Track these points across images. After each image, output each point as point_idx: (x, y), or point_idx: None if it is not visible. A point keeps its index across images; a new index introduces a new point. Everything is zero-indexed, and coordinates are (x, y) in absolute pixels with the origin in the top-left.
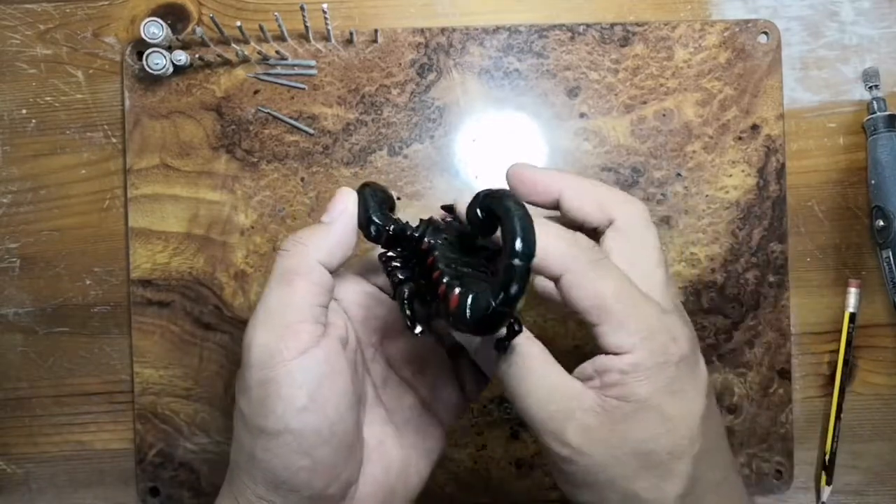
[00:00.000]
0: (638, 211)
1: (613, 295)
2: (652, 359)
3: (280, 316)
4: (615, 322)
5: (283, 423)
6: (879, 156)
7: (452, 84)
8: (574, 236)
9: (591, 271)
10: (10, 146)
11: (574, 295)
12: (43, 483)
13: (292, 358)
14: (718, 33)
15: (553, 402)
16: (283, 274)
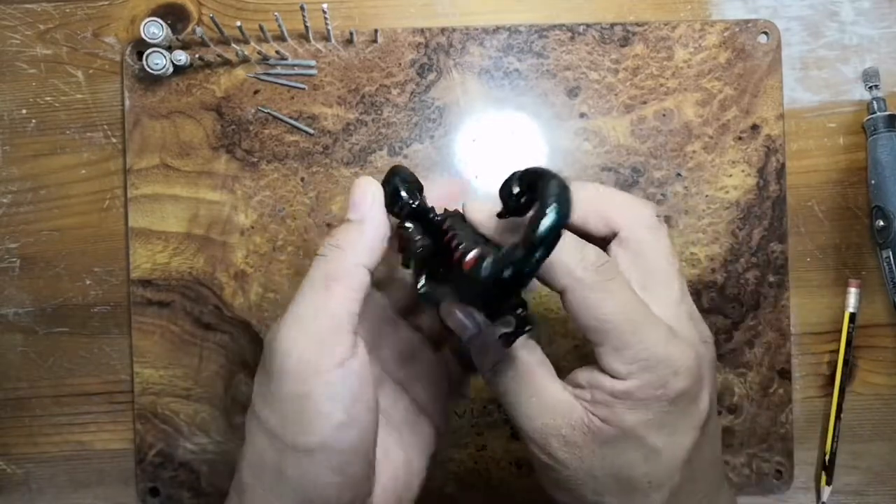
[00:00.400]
0: (643, 218)
1: (616, 318)
2: (646, 391)
3: (318, 324)
4: (613, 346)
5: (320, 441)
6: (879, 156)
7: (452, 84)
8: (582, 250)
9: (594, 291)
10: (10, 146)
11: (576, 312)
12: (43, 483)
13: (330, 370)
14: (718, 33)
15: (542, 416)
16: (322, 279)
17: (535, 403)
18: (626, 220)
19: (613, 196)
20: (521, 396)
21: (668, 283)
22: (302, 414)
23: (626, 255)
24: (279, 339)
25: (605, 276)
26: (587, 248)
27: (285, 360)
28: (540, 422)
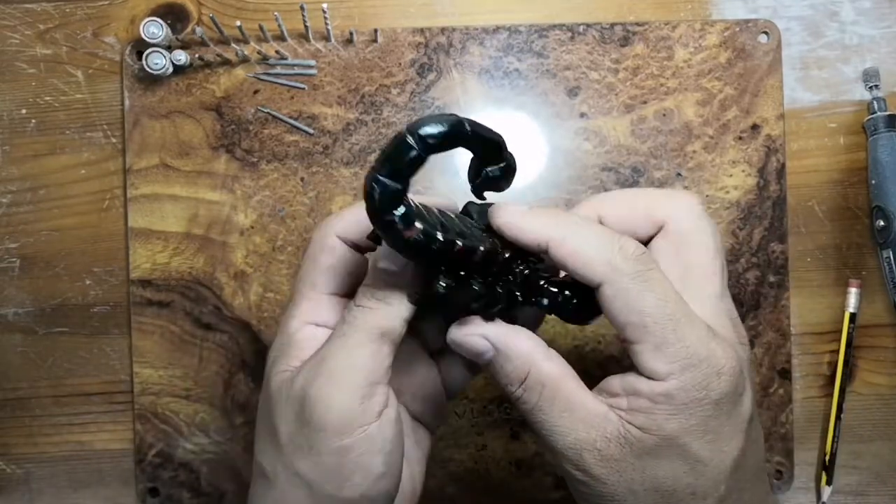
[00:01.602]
0: (690, 207)
1: (657, 312)
2: (688, 393)
3: (359, 376)
4: (653, 344)
5: (361, 492)
6: (880, 156)
7: (452, 84)
8: (619, 242)
9: (634, 282)
10: (10, 146)
11: (613, 307)
12: (43, 483)
13: (370, 422)
14: (718, 33)
15: (575, 430)
16: (368, 333)
17: (567, 418)
18: (672, 211)
19: (656, 191)
20: (552, 412)
21: (709, 279)
22: (342, 468)
23: (668, 247)
24: (318, 393)
25: (645, 267)
26: (625, 239)
27: (327, 414)
28: (573, 437)
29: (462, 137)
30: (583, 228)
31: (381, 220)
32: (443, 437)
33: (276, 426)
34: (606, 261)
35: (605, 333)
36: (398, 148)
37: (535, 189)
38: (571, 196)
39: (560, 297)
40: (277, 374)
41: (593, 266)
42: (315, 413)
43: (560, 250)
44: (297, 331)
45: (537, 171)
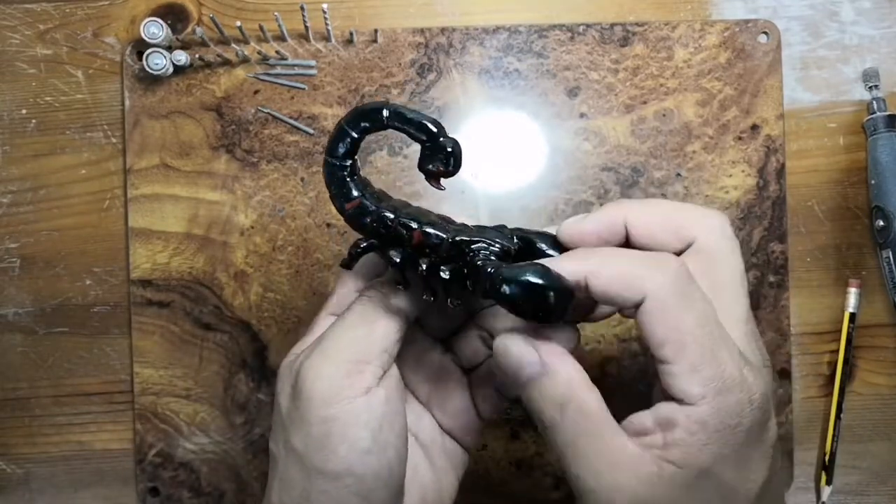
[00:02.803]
0: (719, 226)
1: (696, 332)
2: (721, 419)
3: (348, 352)
4: (690, 364)
5: (346, 465)
6: (879, 156)
7: (452, 84)
8: (657, 258)
9: (675, 299)
10: (10, 146)
11: (651, 324)
12: (43, 483)
13: (356, 396)
14: (718, 33)
15: (609, 472)
16: (364, 316)
17: (603, 457)
18: (701, 229)
19: (686, 206)
20: (589, 448)
21: (737, 300)
22: (328, 438)
23: (697, 266)
24: (308, 365)
25: (685, 283)
26: (664, 255)
27: (314, 385)
28: (607, 478)
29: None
30: (615, 254)
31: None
32: None
33: (280, 405)
34: (646, 276)
35: (605, 333)
36: (336, 133)
37: (535, 189)
38: (571, 196)
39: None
40: (288, 358)
41: (633, 284)
42: (305, 384)
43: (599, 280)
44: (318, 321)
45: (537, 171)
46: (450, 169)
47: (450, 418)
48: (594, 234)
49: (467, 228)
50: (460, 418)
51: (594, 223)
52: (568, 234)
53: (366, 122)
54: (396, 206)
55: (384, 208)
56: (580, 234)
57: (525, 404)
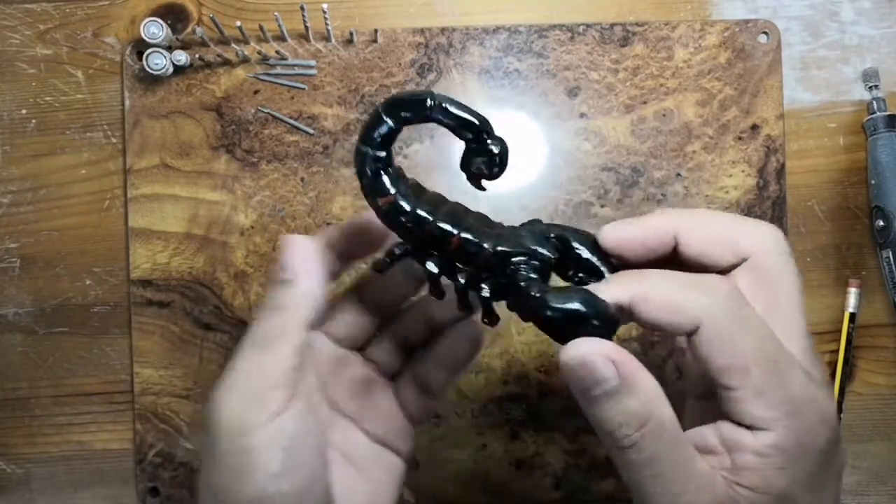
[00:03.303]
0: (775, 242)
1: (757, 354)
2: (796, 442)
3: (249, 383)
4: (755, 389)
5: (259, 491)
6: (879, 156)
7: (452, 84)
8: (706, 282)
9: (731, 323)
10: (10, 146)
11: (708, 351)
12: (43, 483)
13: (264, 423)
14: (718, 33)
15: (687, 493)
16: (257, 341)
17: (682, 477)
18: (757, 245)
19: (738, 220)
20: (669, 467)
21: (795, 316)
22: (240, 469)
23: (752, 283)
24: (214, 399)
25: (739, 305)
26: (711, 277)
27: (220, 416)
28: (687, 500)
29: (423, 115)
30: (663, 278)
31: (361, 185)
32: (443, 437)
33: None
34: (697, 303)
35: None
36: (372, 121)
37: (535, 189)
38: (571, 196)
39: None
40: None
41: (684, 311)
42: (213, 419)
43: (646, 307)
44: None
45: (537, 171)
46: (494, 171)
47: (380, 428)
48: (639, 242)
49: (505, 233)
50: (391, 426)
51: (640, 230)
52: (610, 240)
53: (406, 112)
54: (433, 203)
55: (420, 207)
56: (624, 241)
57: (594, 420)
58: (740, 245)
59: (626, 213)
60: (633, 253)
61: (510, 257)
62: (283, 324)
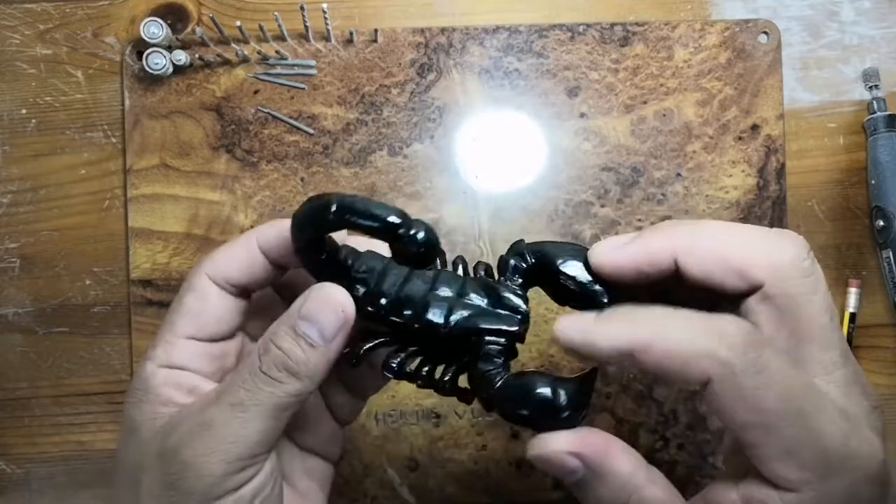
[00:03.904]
0: (791, 263)
1: (782, 409)
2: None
3: (237, 448)
4: (781, 448)
5: None
6: (879, 156)
7: (452, 84)
8: (717, 328)
9: (748, 376)
10: (10, 146)
11: (727, 407)
12: (42, 483)
13: (240, 486)
14: (718, 33)
15: None
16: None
17: None
18: (771, 271)
19: (747, 237)
20: None
21: (827, 345)
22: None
23: (770, 314)
24: (194, 457)
25: (756, 353)
26: (723, 320)
27: (197, 482)
28: None
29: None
30: (668, 322)
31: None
32: (443, 437)
33: (139, 479)
34: (708, 354)
35: None
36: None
37: (535, 189)
38: (571, 196)
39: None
40: (147, 423)
41: (693, 365)
42: (186, 479)
43: (649, 356)
44: (153, 375)
45: (537, 171)
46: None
47: (310, 436)
48: (633, 267)
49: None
50: (320, 432)
51: (634, 253)
52: (602, 262)
53: (310, 228)
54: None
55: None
56: (617, 265)
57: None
58: (751, 272)
59: (626, 213)
60: (628, 279)
61: (473, 334)
62: (297, 395)
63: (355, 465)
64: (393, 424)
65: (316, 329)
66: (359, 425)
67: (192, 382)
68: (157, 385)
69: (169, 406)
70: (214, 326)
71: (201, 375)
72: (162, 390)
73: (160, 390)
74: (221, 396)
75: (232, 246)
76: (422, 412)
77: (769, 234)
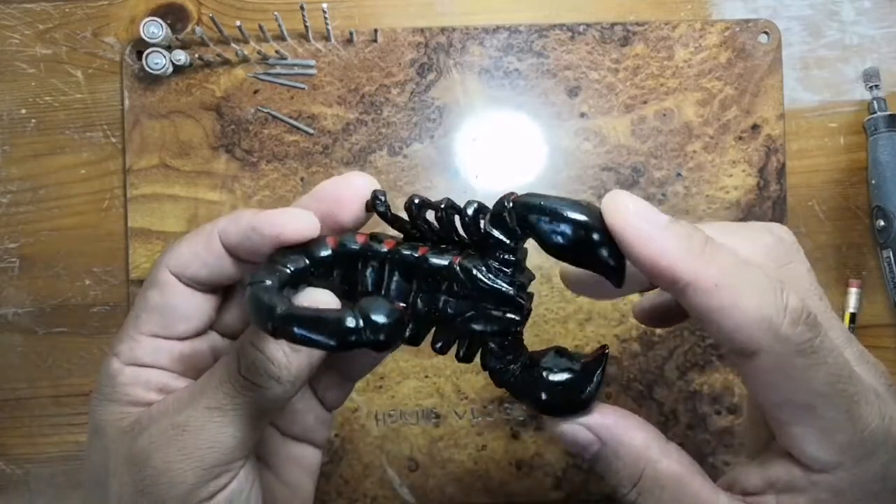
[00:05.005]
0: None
1: (829, 391)
2: (862, 488)
3: (212, 456)
4: (821, 429)
5: None
6: (880, 156)
7: (452, 84)
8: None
9: (804, 355)
10: (9, 146)
11: (768, 383)
12: (42, 483)
13: (215, 494)
14: (719, 33)
15: None
16: (250, 412)
17: None
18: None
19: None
20: None
21: (828, 325)
22: None
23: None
24: (166, 462)
25: (814, 334)
26: (790, 293)
27: (170, 490)
28: None
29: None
30: (741, 272)
31: None
32: (443, 437)
33: (107, 482)
34: (768, 324)
35: (605, 333)
36: None
37: (535, 189)
38: (571, 196)
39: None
40: (113, 423)
41: (749, 330)
42: (159, 486)
43: (707, 299)
44: (119, 373)
45: (537, 171)
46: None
47: (297, 423)
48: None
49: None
50: (308, 418)
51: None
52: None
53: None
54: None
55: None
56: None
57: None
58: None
59: None
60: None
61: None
62: (274, 398)
63: (355, 465)
64: (393, 424)
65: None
66: (359, 425)
67: (161, 381)
68: (123, 383)
69: (137, 406)
70: (181, 325)
71: (171, 372)
72: (129, 389)
73: (127, 389)
74: (196, 399)
75: (192, 240)
76: (422, 412)
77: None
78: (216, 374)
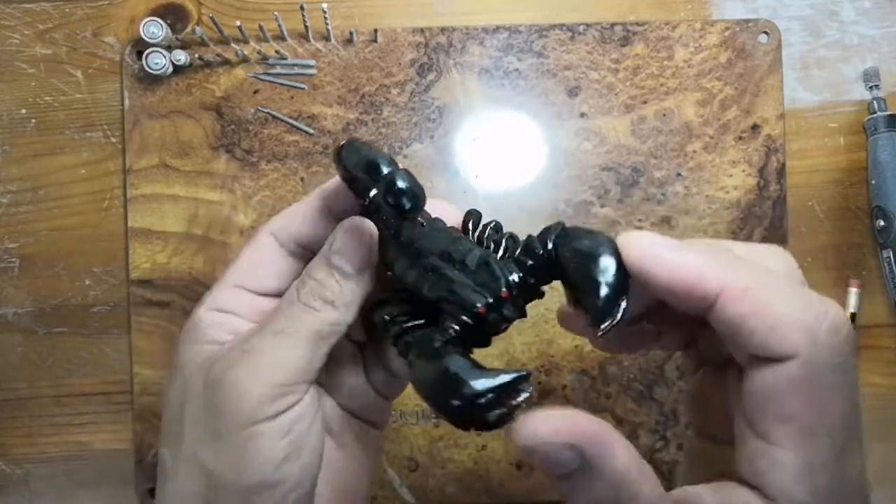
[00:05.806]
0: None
1: (837, 424)
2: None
3: (278, 374)
4: (805, 462)
5: (261, 477)
6: (880, 156)
7: (452, 84)
8: (825, 306)
9: (831, 374)
10: (9, 146)
11: (787, 392)
12: (42, 484)
13: (281, 413)
14: (719, 33)
15: None
16: (306, 335)
17: None
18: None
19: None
20: None
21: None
22: (246, 453)
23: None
24: (232, 382)
25: (849, 354)
26: (832, 303)
27: (238, 406)
28: None
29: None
30: (771, 277)
31: None
32: (443, 437)
33: (182, 412)
34: (808, 329)
35: None
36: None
37: (535, 189)
38: (571, 196)
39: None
40: (193, 360)
41: (786, 331)
42: (228, 401)
43: (739, 306)
44: (201, 319)
45: (537, 171)
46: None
47: (348, 399)
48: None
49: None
50: (358, 399)
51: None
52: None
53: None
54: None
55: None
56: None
57: (563, 496)
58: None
59: (626, 213)
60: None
61: (438, 303)
62: (333, 324)
63: None
64: (393, 424)
65: (346, 260)
66: None
67: (236, 325)
68: (203, 326)
69: (213, 344)
70: (263, 279)
71: (245, 320)
72: (209, 330)
73: (207, 330)
74: (263, 326)
75: (297, 204)
76: (422, 412)
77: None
78: (279, 306)
